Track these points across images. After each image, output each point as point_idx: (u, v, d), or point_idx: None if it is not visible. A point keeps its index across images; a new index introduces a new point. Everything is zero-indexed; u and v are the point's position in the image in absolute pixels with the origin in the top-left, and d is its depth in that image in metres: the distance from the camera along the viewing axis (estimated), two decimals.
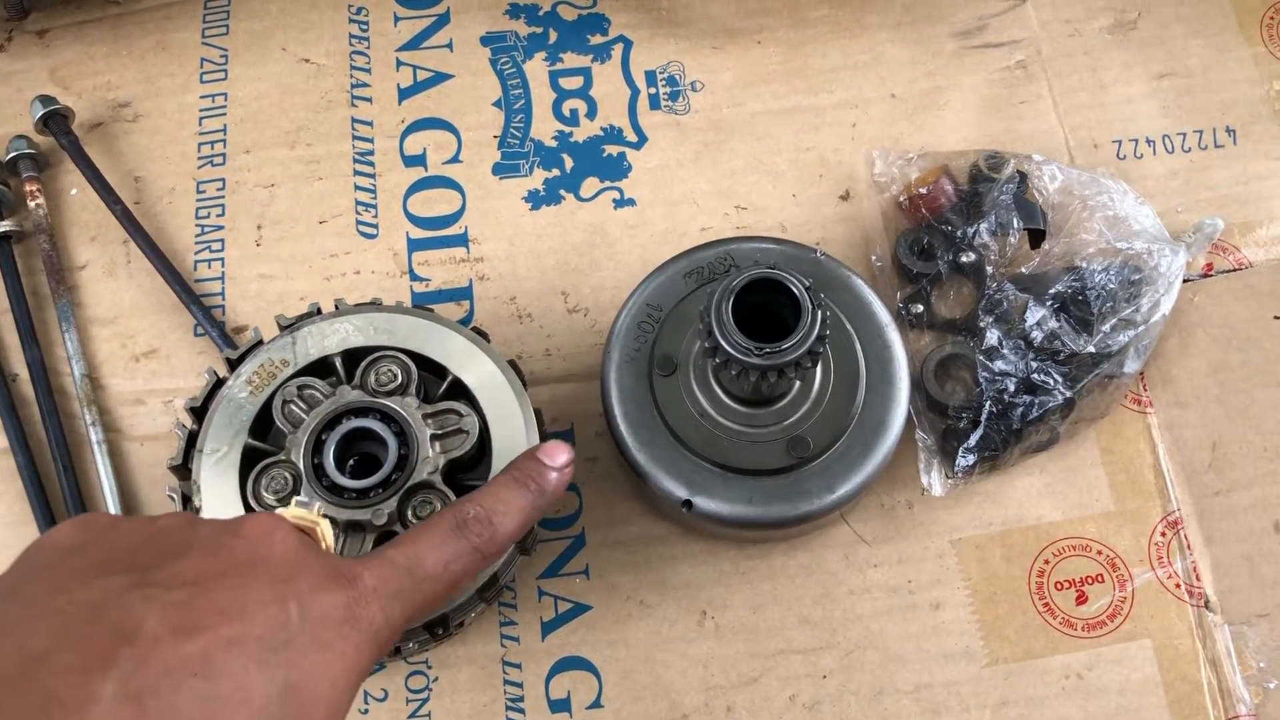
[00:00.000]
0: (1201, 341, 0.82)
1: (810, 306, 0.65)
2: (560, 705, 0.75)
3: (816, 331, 0.65)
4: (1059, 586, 0.77)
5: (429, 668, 0.76)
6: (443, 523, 0.55)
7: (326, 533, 0.54)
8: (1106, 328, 0.77)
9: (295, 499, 0.56)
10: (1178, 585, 0.76)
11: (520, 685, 0.76)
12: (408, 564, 0.52)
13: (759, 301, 0.67)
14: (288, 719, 0.42)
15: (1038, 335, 0.77)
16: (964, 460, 0.76)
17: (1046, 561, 0.77)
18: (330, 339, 0.72)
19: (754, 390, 0.69)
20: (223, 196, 0.90)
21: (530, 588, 0.78)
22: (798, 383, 0.74)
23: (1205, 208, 0.86)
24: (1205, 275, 0.84)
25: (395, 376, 0.70)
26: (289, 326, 0.73)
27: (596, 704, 0.75)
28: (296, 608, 0.44)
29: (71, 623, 0.39)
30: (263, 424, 0.71)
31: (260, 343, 0.73)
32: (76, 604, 0.40)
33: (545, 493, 0.61)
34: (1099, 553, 0.77)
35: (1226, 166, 0.88)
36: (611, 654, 0.76)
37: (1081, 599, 0.76)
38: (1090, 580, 0.77)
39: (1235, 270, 0.85)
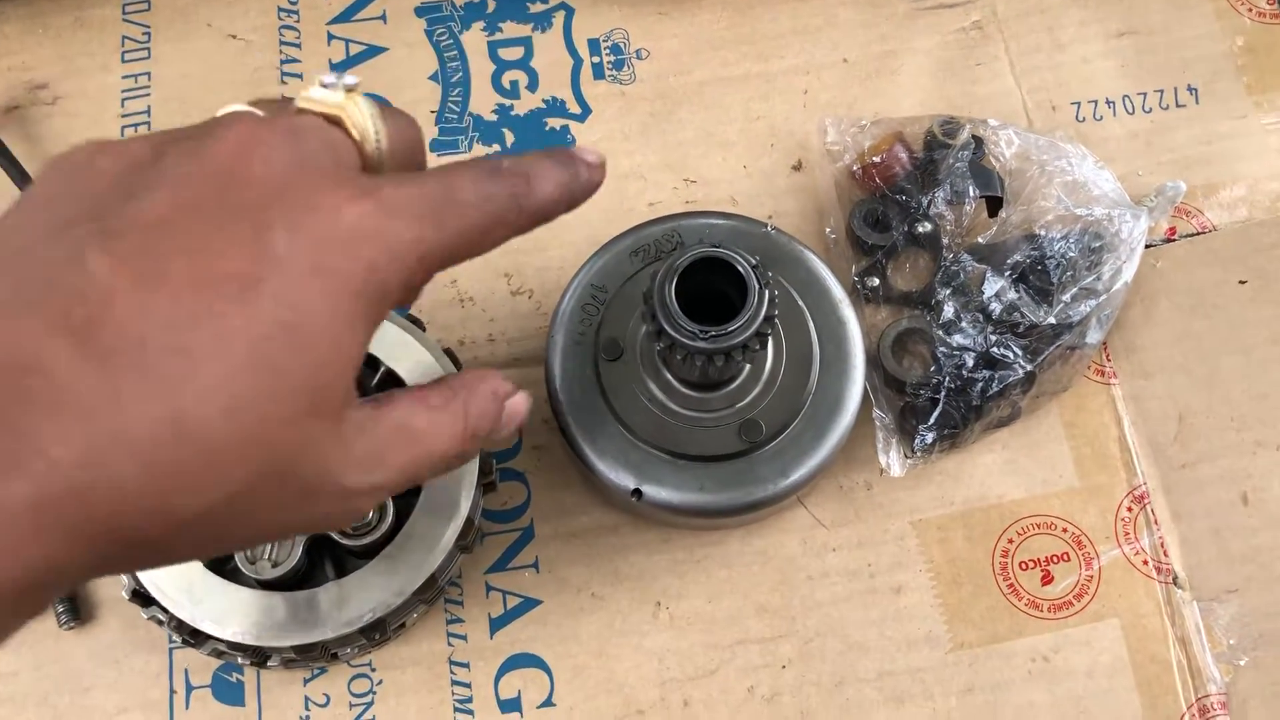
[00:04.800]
0: (1165, 309, 0.80)
1: (757, 286, 0.62)
2: (510, 705, 0.73)
3: (764, 312, 0.62)
4: (1024, 566, 0.75)
5: (372, 670, 0.73)
6: (474, 163, 0.45)
7: (358, 118, 0.42)
8: (1067, 297, 0.75)
9: (320, 78, 0.43)
10: (1145, 562, 0.74)
11: (468, 685, 0.73)
12: (440, 186, 0.42)
13: (705, 281, 0.64)
14: (282, 360, 0.36)
15: (996, 307, 0.75)
16: (923, 438, 0.74)
17: (1010, 541, 0.75)
18: None
19: (702, 375, 0.66)
20: None
21: (478, 583, 0.75)
22: (748, 365, 0.71)
23: (1167, 170, 0.84)
24: (1168, 240, 0.82)
25: None
26: None
27: (548, 702, 0.73)
28: (284, 234, 0.37)
29: (23, 286, 0.35)
30: None
31: None
32: (35, 262, 0.35)
33: (579, 178, 0.50)
34: (1064, 530, 0.75)
35: (1188, 127, 0.85)
36: (563, 650, 0.74)
37: (1047, 579, 0.74)
38: (1056, 559, 0.75)
39: (1198, 234, 0.82)
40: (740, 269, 0.62)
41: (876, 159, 0.80)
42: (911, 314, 0.77)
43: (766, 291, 0.62)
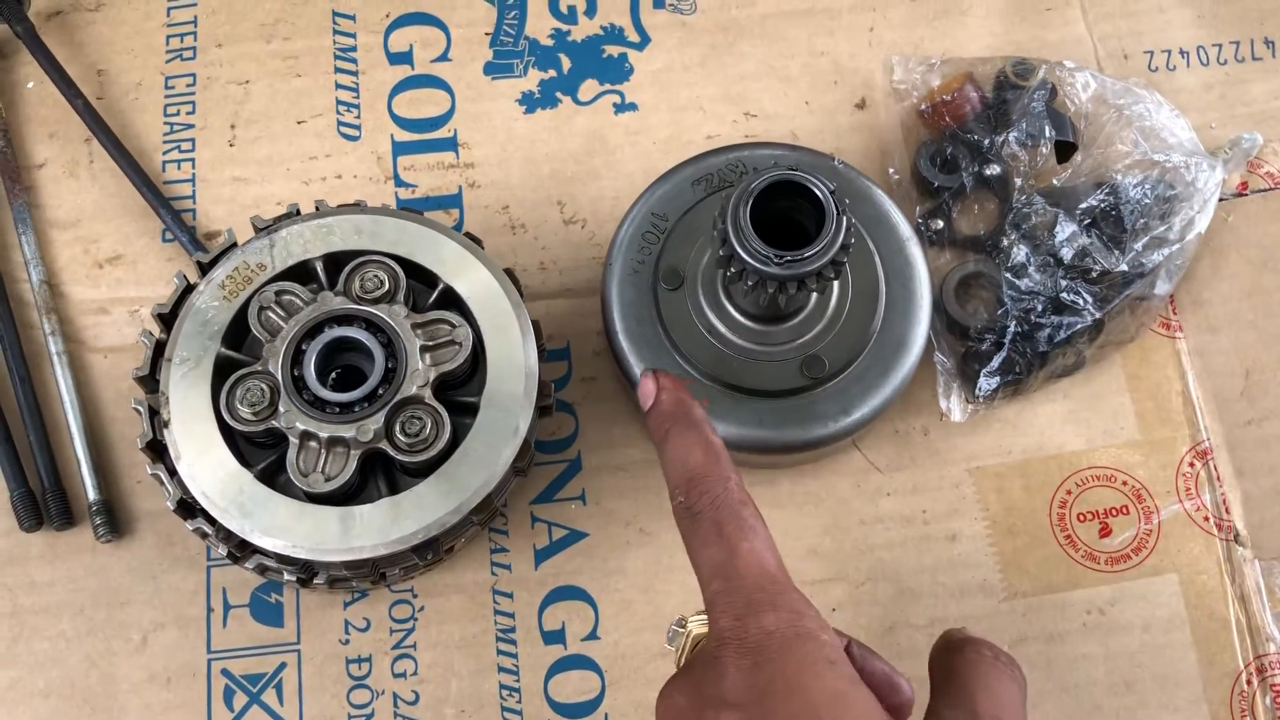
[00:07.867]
0: (1235, 263, 0.78)
1: (835, 211, 0.60)
2: (554, 637, 0.71)
3: (842, 238, 0.60)
4: (1081, 518, 0.73)
5: (414, 596, 0.72)
6: None
7: None
8: (1139, 245, 0.73)
9: None
10: (1206, 518, 0.73)
11: (512, 615, 0.72)
12: None
13: (777, 208, 0.62)
14: None
15: (1067, 252, 0.73)
16: (986, 384, 0.72)
17: (1069, 492, 0.74)
18: (311, 242, 0.67)
19: (770, 304, 0.64)
20: (193, 93, 0.83)
21: (523, 513, 0.74)
22: (815, 297, 0.69)
23: (1241, 124, 0.82)
24: (1240, 194, 0.80)
25: (382, 283, 0.65)
26: (266, 228, 0.68)
27: (593, 635, 0.71)
28: None
29: None
30: (237, 333, 0.65)
31: (235, 245, 0.67)
32: None
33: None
34: (1124, 483, 0.74)
35: (1264, 80, 0.83)
36: (609, 584, 0.72)
37: (1105, 531, 0.73)
38: (1114, 512, 0.73)
39: (1271, 189, 0.80)
40: (819, 193, 0.60)
41: (946, 97, 0.78)
42: (977, 258, 0.75)
43: (845, 218, 0.60)
